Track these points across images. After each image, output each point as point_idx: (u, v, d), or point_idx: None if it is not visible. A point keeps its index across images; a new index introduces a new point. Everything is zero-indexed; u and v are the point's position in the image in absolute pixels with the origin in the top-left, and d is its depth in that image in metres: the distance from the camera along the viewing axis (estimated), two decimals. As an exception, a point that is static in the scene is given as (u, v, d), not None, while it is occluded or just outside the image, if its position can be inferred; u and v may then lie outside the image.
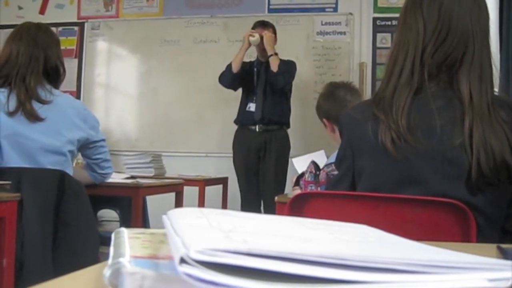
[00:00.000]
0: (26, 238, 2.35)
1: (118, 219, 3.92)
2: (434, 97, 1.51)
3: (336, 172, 1.82)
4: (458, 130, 1.46)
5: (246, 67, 5.35)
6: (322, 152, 3.20)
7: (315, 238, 0.63)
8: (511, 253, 0.69)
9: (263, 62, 5.34)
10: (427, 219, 1.47)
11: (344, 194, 1.61)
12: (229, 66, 5.24)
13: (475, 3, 1.58)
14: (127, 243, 0.70)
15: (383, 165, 1.53)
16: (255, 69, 5.37)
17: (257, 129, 5.22)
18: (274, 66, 5.11)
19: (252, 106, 5.29)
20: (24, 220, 2.35)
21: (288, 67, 5.23)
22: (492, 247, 0.85)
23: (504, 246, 0.73)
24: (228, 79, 5.26)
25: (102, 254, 3.68)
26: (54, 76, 2.82)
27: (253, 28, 5.31)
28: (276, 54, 5.16)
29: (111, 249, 0.70)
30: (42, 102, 2.69)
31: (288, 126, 5.40)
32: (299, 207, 1.58)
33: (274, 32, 5.34)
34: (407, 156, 1.48)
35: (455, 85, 1.52)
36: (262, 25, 5.33)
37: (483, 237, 1.45)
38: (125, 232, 0.79)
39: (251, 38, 5.15)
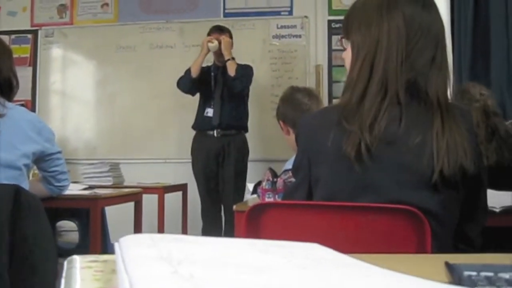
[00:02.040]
0: (-19, 256, 2.31)
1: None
2: (399, 104, 1.51)
3: (293, 179, 1.83)
4: (421, 136, 1.47)
5: (204, 72, 5.34)
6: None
7: (267, 266, 0.64)
8: (458, 269, 0.70)
9: (220, 66, 5.34)
10: (383, 226, 1.49)
11: (300, 203, 1.62)
12: (188, 71, 5.23)
13: (435, 7, 1.61)
14: (79, 275, 0.69)
15: (339, 173, 1.54)
16: (212, 74, 5.36)
17: (215, 134, 5.22)
18: (231, 70, 5.11)
19: (210, 111, 5.28)
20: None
21: (245, 71, 5.24)
22: (446, 258, 0.87)
23: (452, 262, 0.74)
24: (187, 84, 5.25)
25: (62, 265, 3.65)
26: (6, 88, 2.77)
27: (209, 33, 5.32)
28: (233, 58, 5.18)
29: (62, 281, 0.69)
30: (-5, 115, 2.65)
31: (246, 130, 5.42)
32: (257, 217, 1.58)
33: (231, 37, 5.35)
34: (366, 164, 1.49)
35: (422, 89, 1.52)
36: (219, 30, 5.33)
37: (438, 242, 1.47)
38: (77, 261, 0.78)
39: (210, 44, 5.15)
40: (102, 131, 6.43)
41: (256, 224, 1.58)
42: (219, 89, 5.33)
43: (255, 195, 2.50)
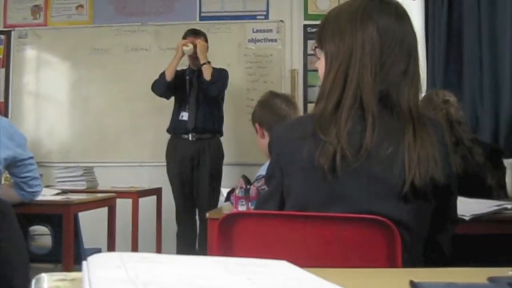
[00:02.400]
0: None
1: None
2: (373, 115, 1.51)
3: (266, 187, 1.83)
4: (393, 147, 1.48)
5: (178, 76, 5.34)
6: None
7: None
8: (423, 288, 0.71)
9: (195, 70, 5.34)
10: (354, 236, 1.50)
11: (272, 213, 1.62)
12: (162, 75, 5.23)
13: (409, 19, 1.61)
14: (45, 296, 0.69)
15: (312, 183, 1.54)
16: (187, 78, 5.36)
17: (190, 138, 5.21)
18: (207, 74, 5.12)
19: (185, 115, 5.27)
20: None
21: (221, 76, 5.25)
22: (415, 273, 0.88)
23: (418, 279, 0.75)
24: (162, 87, 5.24)
25: (35, 269, 3.61)
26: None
27: (184, 36, 5.31)
28: (208, 62, 5.18)
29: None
30: (-34, 120, 2.63)
31: (221, 134, 5.42)
32: (229, 227, 1.58)
33: (206, 40, 5.35)
34: (338, 175, 1.50)
35: (394, 100, 1.54)
36: (194, 33, 5.33)
37: (409, 252, 1.49)
38: (45, 280, 0.78)
39: (185, 48, 5.15)
40: (76, 134, 6.38)
41: (229, 234, 1.59)
42: (194, 93, 5.32)
43: (228, 202, 2.50)
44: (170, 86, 5.23)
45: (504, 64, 4.36)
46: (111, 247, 4.01)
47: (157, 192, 5.13)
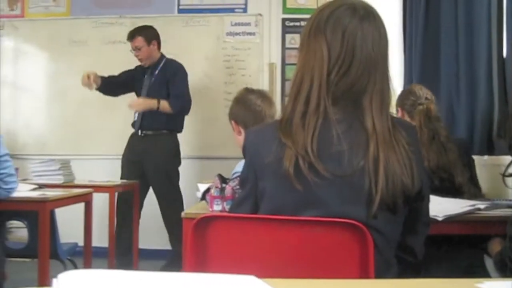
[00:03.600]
0: None
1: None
2: (338, 123, 1.53)
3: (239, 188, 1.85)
4: (360, 155, 1.50)
5: (131, 74, 5.47)
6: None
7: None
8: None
9: (146, 68, 5.41)
10: (326, 240, 1.52)
11: (246, 217, 1.64)
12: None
13: (376, 30, 1.60)
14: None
15: (284, 188, 1.56)
16: (144, 75, 5.44)
17: (139, 133, 5.38)
18: (168, 110, 5.20)
19: (136, 115, 5.41)
20: None
21: (178, 88, 5.31)
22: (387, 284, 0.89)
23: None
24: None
25: (12, 264, 3.61)
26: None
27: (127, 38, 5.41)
28: (158, 103, 5.19)
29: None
30: None
31: (176, 131, 5.47)
32: (203, 229, 1.59)
33: (149, 35, 5.38)
34: (308, 180, 1.52)
35: (358, 112, 1.55)
36: (131, 37, 5.40)
37: (381, 255, 1.51)
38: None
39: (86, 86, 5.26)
40: (53, 126, 6.34)
41: (203, 235, 1.60)
42: (143, 94, 5.38)
43: (203, 201, 2.51)
44: (103, 90, 5.39)
45: (480, 60, 4.40)
46: (87, 242, 4.00)
47: (133, 186, 5.12)
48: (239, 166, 2.41)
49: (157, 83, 5.33)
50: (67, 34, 6.35)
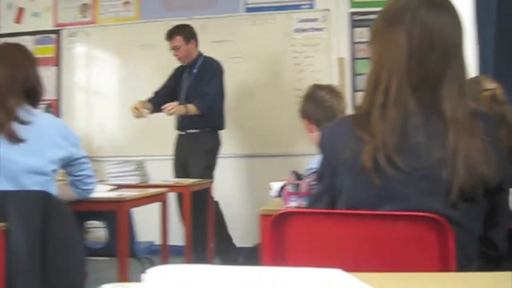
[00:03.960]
0: (14, 263, 2.36)
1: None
2: (416, 114, 1.52)
3: (316, 184, 1.85)
4: (439, 145, 1.48)
5: (173, 78, 5.54)
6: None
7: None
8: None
9: (186, 66, 5.46)
10: (406, 234, 1.50)
11: (324, 212, 1.64)
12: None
13: (452, 18, 1.59)
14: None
15: (361, 182, 1.55)
16: (184, 75, 5.49)
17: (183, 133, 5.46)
18: (196, 111, 5.21)
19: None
20: (12, 246, 2.37)
21: (205, 87, 5.32)
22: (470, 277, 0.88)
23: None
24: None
25: (92, 262, 3.69)
26: (33, 96, 2.82)
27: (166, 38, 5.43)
28: (186, 108, 5.21)
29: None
30: (23, 122, 2.70)
31: (217, 128, 5.50)
32: (281, 225, 1.60)
33: (188, 34, 5.43)
34: (386, 174, 1.50)
35: (436, 101, 1.53)
36: (169, 36, 5.42)
37: (462, 250, 1.48)
38: (107, 292, 0.81)
39: (136, 116, 5.29)
40: (127, 128, 6.46)
41: (281, 231, 1.61)
42: (183, 93, 5.43)
43: (279, 198, 2.52)
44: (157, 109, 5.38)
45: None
46: (164, 240, 4.07)
47: (208, 184, 5.17)
48: (314, 162, 2.41)
49: (196, 82, 5.36)
50: (137, 38, 6.47)
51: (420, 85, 1.55)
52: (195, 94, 5.31)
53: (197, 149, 5.31)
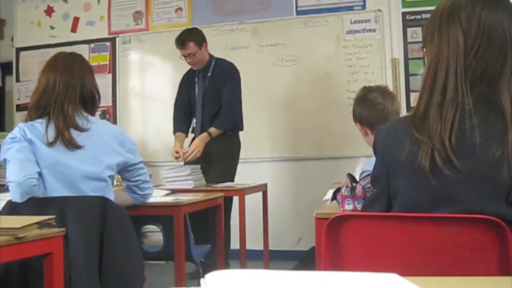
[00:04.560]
0: (73, 268, 2.41)
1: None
2: (474, 114, 1.49)
3: (371, 186, 1.83)
4: (497, 145, 1.45)
5: (184, 90, 5.39)
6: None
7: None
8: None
9: (200, 71, 5.30)
10: (463, 237, 1.47)
11: (380, 215, 1.62)
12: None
13: (508, 12, 1.56)
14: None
15: (418, 184, 1.53)
16: (196, 80, 5.34)
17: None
18: (219, 132, 5.12)
19: (194, 121, 5.31)
20: (71, 251, 2.42)
21: (227, 102, 5.18)
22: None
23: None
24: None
25: (149, 266, 3.74)
26: (90, 103, 2.88)
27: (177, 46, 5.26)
28: (209, 134, 5.10)
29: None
30: (80, 129, 2.76)
31: (236, 130, 5.34)
32: (336, 229, 1.60)
33: (199, 39, 5.26)
34: (444, 176, 1.48)
35: (494, 98, 1.50)
36: (181, 44, 5.22)
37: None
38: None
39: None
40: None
41: (336, 235, 1.60)
42: (199, 98, 5.27)
43: (334, 201, 2.51)
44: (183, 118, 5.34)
45: None
46: (220, 244, 4.09)
47: (262, 188, 5.18)
48: (369, 165, 2.39)
49: (211, 87, 5.22)
50: (190, 43, 6.52)
51: (478, 82, 1.52)
52: (213, 100, 5.20)
53: (218, 153, 5.14)
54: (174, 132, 5.38)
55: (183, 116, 5.39)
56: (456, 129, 1.48)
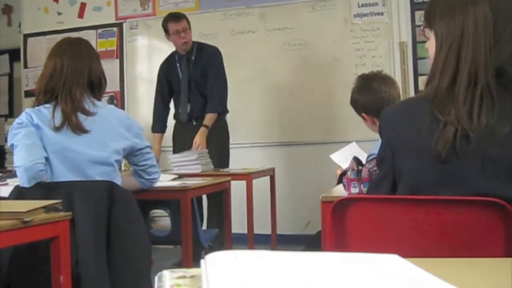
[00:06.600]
0: (80, 252, 2.42)
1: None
2: (491, 94, 1.48)
3: (377, 169, 1.83)
4: (508, 126, 1.44)
5: (164, 80, 5.39)
6: (354, 144, 3.19)
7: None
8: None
9: (183, 55, 5.28)
10: (469, 219, 1.47)
11: (385, 198, 1.62)
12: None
13: None
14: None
15: (423, 165, 1.53)
16: (178, 65, 5.33)
17: (193, 123, 5.24)
18: (214, 118, 5.12)
19: (182, 108, 5.30)
20: (78, 235, 2.43)
21: (215, 86, 5.17)
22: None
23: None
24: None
25: (157, 250, 3.77)
26: (96, 88, 2.89)
27: (165, 22, 5.23)
28: (207, 126, 5.07)
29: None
30: (87, 114, 2.76)
31: (226, 112, 5.36)
32: (342, 211, 1.60)
33: (188, 21, 5.26)
34: (449, 157, 1.47)
35: (510, 78, 1.49)
36: (176, 18, 5.21)
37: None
38: (166, 277, 0.82)
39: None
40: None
41: (342, 218, 1.60)
42: (185, 83, 5.25)
43: (340, 185, 2.51)
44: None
45: None
46: (227, 228, 4.11)
47: (270, 172, 5.19)
48: (374, 148, 2.38)
49: (198, 69, 5.21)
50: (197, 28, 6.45)
51: (495, 62, 1.50)
52: (200, 83, 5.20)
53: (210, 141, 5.09)
54: (153, 130, 5.44)
55: (163, 114, 5.49)
56: (469, 110, 1.47)
